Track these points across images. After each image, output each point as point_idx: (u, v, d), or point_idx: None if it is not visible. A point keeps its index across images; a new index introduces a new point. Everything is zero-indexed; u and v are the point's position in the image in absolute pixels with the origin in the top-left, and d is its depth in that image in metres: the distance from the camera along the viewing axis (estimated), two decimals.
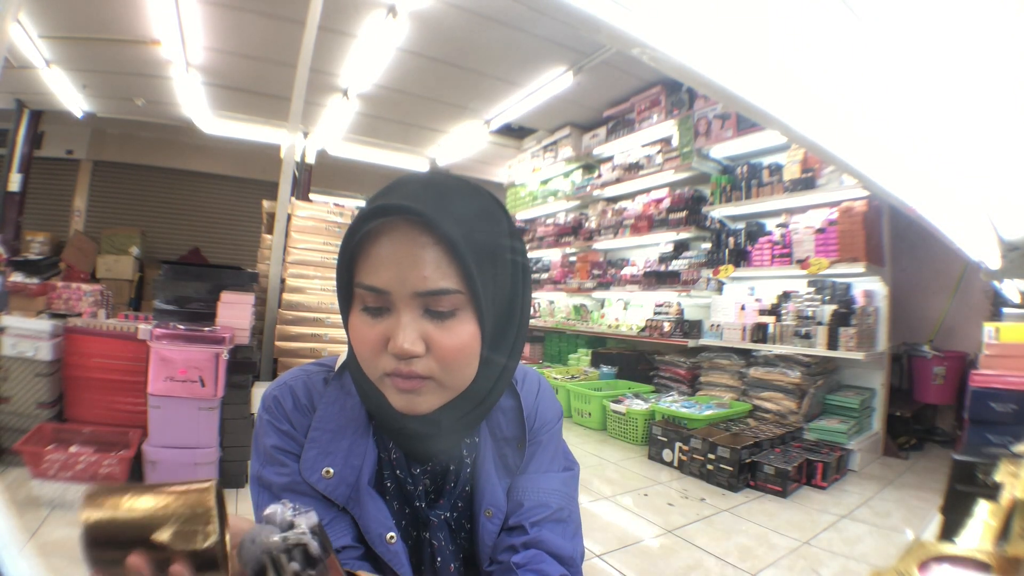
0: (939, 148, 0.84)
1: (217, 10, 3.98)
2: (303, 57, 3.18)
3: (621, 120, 5.32)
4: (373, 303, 0.53)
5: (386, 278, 0.51)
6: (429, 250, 0.50)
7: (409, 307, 0.51)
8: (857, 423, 3.44)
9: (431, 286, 0.50)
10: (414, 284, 0.50)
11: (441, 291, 0.51)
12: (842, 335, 3.32)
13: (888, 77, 0.64)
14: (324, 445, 0.59)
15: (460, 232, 0.50)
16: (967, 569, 0.60)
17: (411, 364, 0.52)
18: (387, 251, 0.51)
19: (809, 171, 3.65)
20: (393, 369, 0.52)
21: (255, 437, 0.63)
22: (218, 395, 2.32)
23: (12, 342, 2.36)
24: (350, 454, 0.60)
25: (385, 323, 0.53)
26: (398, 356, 0.51)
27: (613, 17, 0.43)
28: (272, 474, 0.59)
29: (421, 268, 0.50)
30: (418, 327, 0.52)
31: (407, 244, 0.51)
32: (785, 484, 2.74)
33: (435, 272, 0.50)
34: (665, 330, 4.44)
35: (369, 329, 0.53)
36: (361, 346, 0.54)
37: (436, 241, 0.50)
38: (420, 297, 0.51)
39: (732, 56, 0.53)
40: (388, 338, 0.52)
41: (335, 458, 0.59)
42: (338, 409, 0.61)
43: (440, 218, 0.49)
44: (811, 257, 3.54)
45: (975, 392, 1.98)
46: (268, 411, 0.62)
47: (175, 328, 2.36)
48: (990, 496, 0.86)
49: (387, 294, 0.51)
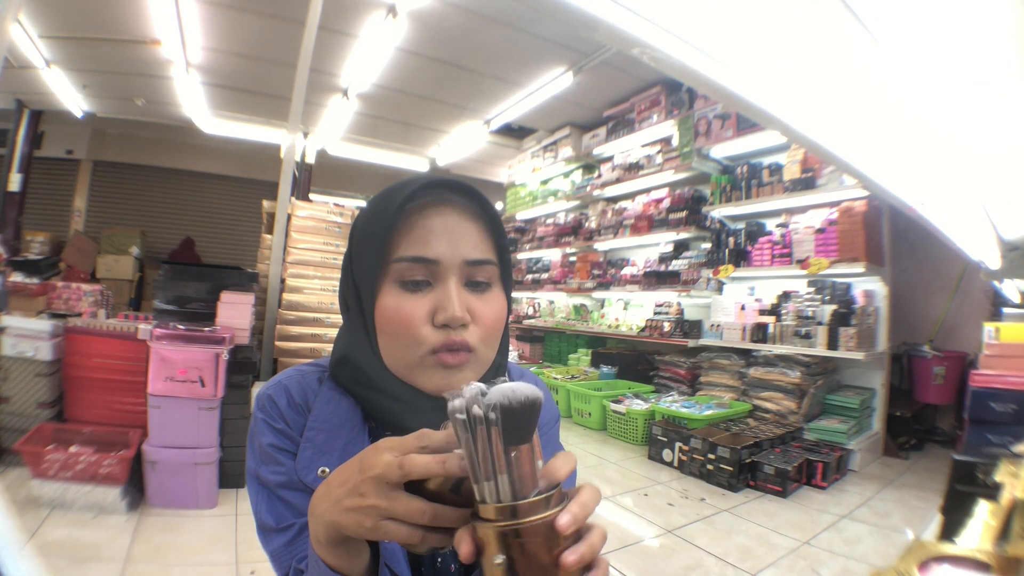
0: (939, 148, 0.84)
1: (217, 10, 3.98)
2: (303, 57, 3.18)
3: (621, 120, 5.32)
4: (417, 276, 0.54)
5: (437, 248, 0.53)
6: (474, 224, 0.56)
7: (455, 276, 0.54)
8: (857, 423, 3.44)
9: (478, 255, 0.55)
10: (464, 252, 0.54)
11: (486, 260, 0.56)
12: (842, 335, 3.32)
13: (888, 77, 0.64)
14: (320, 445, 0.59)
15: (492, 215, 0.58)
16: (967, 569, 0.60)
17: (460, 333, 0.53)
18: (438, 223, 0.54)
19: (809, 171, 3.65)
20: (442, 342, 0.53)
21: (250, 436, 0.63)
22: (218, 395, 2.32)
23: (12, 342, 2.37)
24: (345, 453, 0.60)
25: (429, 296, 0.54)
26: (450, 324, 0.53)
27: (613, 17, 0.43)
28: (268, 472, 0.59)
29: (470, 238, 0.55)
30: (464, 297, 0.54)
31: (455, 217, 0.55)
32: (785, 484, 2.74)
33: (481, 243, 0.56)
34: (665, 330, 4.44)
35: (411, 304, 0.53)
36: (399, 324, 0.54)
37: (478, 217, 0.56)
38: (468, 266, 0.55)
39: (732, 56, 0.53)
40: (434, 310, 0.53)
41: (331, 458, 0.59)
42: (333, 408, 0.61)
43: (482, 199, 0.57)
44: (811, 257, 3.54)
45: (975, 392, 1.98)
46: (263, 410, 0.62)
47: (175, 328, 2.36)
48: (990, 496, 0.86)
49: (436, 264, 0.54)
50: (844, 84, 0.64)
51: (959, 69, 0.63)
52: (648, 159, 4.95)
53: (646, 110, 4.97)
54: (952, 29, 0.55)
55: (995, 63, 0.61)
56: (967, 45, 0.58)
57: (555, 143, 6.25)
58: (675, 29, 0.47)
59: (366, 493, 0.38)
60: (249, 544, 1.96)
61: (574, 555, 0.34)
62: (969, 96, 0.70)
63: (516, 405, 0.34)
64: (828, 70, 0.61)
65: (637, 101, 5.06)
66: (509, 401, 0.33)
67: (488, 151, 7.01)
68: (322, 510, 0.42)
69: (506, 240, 0.60)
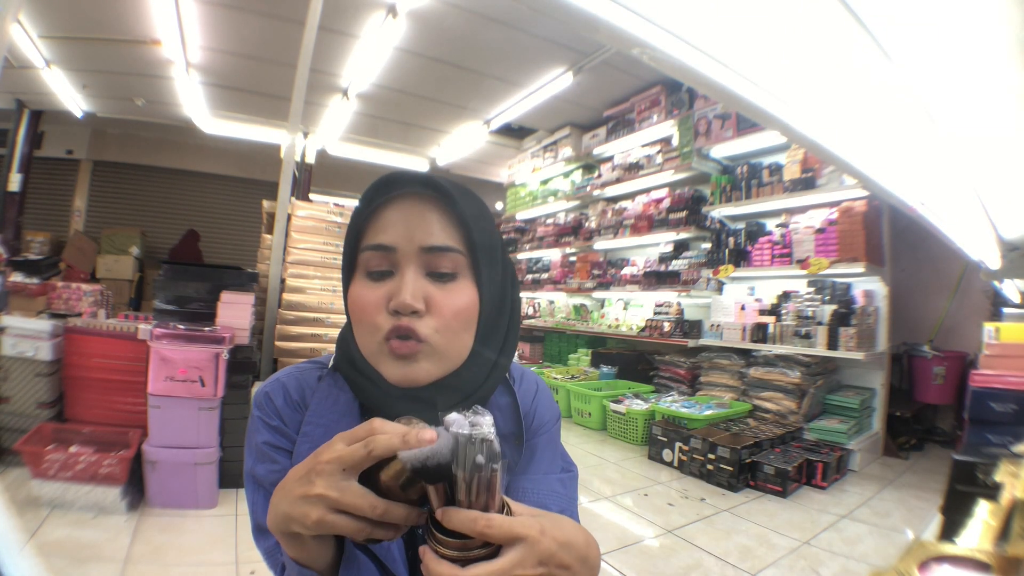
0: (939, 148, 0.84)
1: (217, 10, 3.98)
2: (303, 57, 3.18)
3: (621, 120, 5.32)
4: (377, 266, 0.55)
5: (393, 235, 0.54)
6: (436, 213, 0.55)
7: (413, 264, 0.54)
8: (857, 423, 3.44)
9: (436, 242, 0.54)
10: (420, 239, 0.54)
11: (445, 247, 0.54)
12: (842, 335, 3.32)
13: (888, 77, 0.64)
14: (317, 440, 0.59)
15: (465, 208, 0.55)
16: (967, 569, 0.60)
17: (411, 321, 0.53)
18: (397, 214, 0.55)
19: (809, 171, 3.65)
20: (392, 327, 0.53)
21: (248, 434, 0.63)
22: (218, 395, 2.32)
23: (12, 342, 2.36)
24: None
25: (387, 285, 0.54)
26: (400, 311, 0.52)
27: (613, 17, 0.43)
28: (264, 471, 0.59)
29: (428, 225, 0.54)
30: (420, 285, 0.54)
31: (416, 207, 0.55)
32: (785, 484, 2.74)
33: (441, 232, 0.54)
34: (665, 330, 4.44)
35: (370, 292, 0.54)
36: (359, 311, 0.55)
37: (443, 208, 0.55)
38: (425, 254, 0.54)
39: (732, 56, 0.53)
40: (389, 298, 0.53)
41: None
42: (331, 404, 0.61)
43: (449, 190, 0.55)
44: (811, 257, 3.54)
45: (975, 392, 1.98)
46: (259, 408, 0.62)
47: (175, 328, 2.36)
48: (990, 496, 0.86)
49: (393, 251, 0.54)
50: (844, 84, 0.64)
51: (959, 69, 0.63)
52: (648, 159, 4.95)
53: (646, 110, 4.97)
54: (952, 29, 0.55)
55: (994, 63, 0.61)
56: (967, 45, 0.58)
57: (555, 143, 6.25)
58: (675, 29, 0.47)
59: (316, 481, 0.38)
60: (249, 544, 1.95)
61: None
62: (969, 95, 0.70)
63: (430, 465, 0.37)
64: (828, 70, 0.61)
65: (637, 101, 5.06)
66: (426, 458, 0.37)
67: (488, 151, 7.01)
68: (277, 501, 0.41)
69: (487, 233, 0.58)
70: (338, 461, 0.38)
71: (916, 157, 0.85)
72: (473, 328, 0.57)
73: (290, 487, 0.40)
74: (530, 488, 0.65)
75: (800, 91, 0.61)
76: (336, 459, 0.38)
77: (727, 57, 0.52)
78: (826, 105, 0.65)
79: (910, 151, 0.83)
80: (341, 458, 0.38)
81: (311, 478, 0.38)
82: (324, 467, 0.38)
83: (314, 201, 4.20)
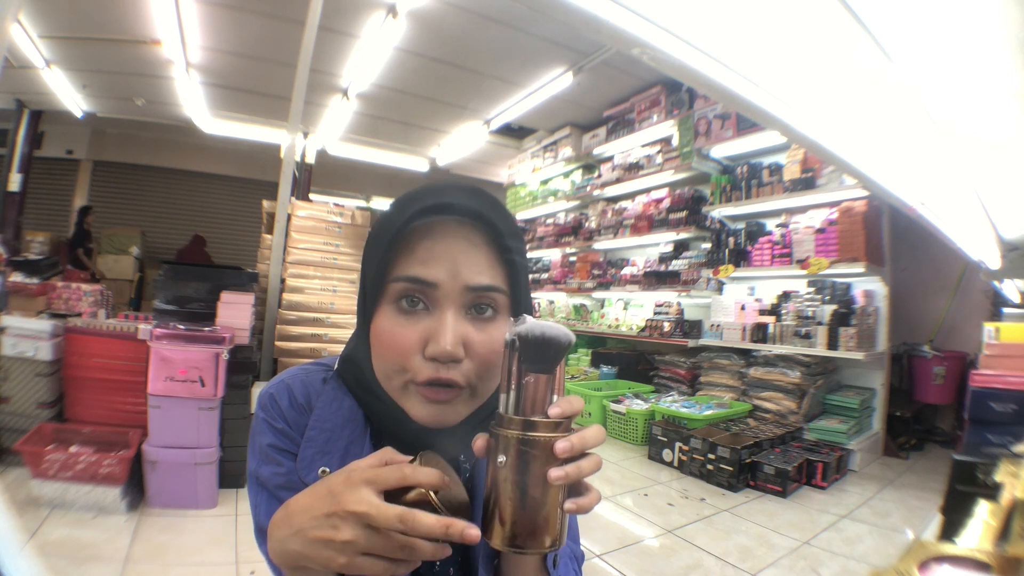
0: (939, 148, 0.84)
1: (217, 10, 3.98)
2: (303, 57, 3.18)
3: (621, 120, 5.32)
4: (414, 297, 0.51)
5: (437, 270, 0.50)
6: (482, 249, 0.52)
7: (455, 304, 0.50)
8: (857, 423, 3.44)
9: (483, 281, 0.51)
10: (466, 278, 0.50)
11: (491, 287, 0.51)
12: (842, 335, 3.32)
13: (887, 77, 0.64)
14: (321, 444, 0.59)
15: (511, 242, 0.53)
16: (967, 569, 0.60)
17: (450, 370, 0.50)
18: (441, 246, 0.51)
19: (809, 171, 3.65)
20: (430, 377, 0.49)
21: (251, 436, 0.62)
22: (218, 395, 2.32)
23: (12, 342, 2.36)
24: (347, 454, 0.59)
25: (423, 323, 0.50)
26: (439, 359, 0.49)
27: (613, 17, 0.43)
28: (268, 473, 0.59)
29: (475, 263, 0.51)
30: (461, 329, 0.50)
31: (462, 241, 0.51)
32: (785, 484, 2.74)
33: (488, 269, 0.52)
34: (665, 330, 4.44)
35: (403, 329, 0.50)
36: (388, 349, 0.51)
37: (488, 242, 0.52)
38: (470, 292, 0.51)
39: (732, 56, 0.53)
40: (426, 340, 0.50)
41: (332, 458, 0.58)
42: (336, 408, 0.60)
43: (497, 222, 0.52)
44: (811, 257, 3.54)
45: (975, 392, 1.98)
46: (264, 409, 0.61)
47: (175, 328, 2.36)
48: (990, 496, 0.86)
49: (435, 287, 0.50)
50: (844, 84, 0.64)
51: (959, 69, 0.63)
52: (648, 159, 4.95)
53: (646, 110, 4.97)
54: (952, 29, 0.55)
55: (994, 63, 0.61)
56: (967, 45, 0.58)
57: (555, 143, 6.25)
58: (675, 29, 0.47)
59: (341, 527, 0.37)
60: (249, 544, 1.96)
61: (559, 472, 0.39)
62: (969, 95, 0.70)
63: (531, 338, 0.41)
64: (828, 70, 0.61)
65: (637, 101, 5.06)
66: (527, 333, 0.41)
67: (488, 151, 7.01)
68: (282, 536, 0.40)
69: (524, 260, 0.55)
70: (363, 517, 0.37)
71: (916, 157, 0.85)
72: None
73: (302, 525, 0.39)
74: None
75: (800, 91, 0.61)
76: (362, 515, 0.37)
77: (727, 57, 0.52)
78: (826, 105, 0.65)
79: (910, 151, 0.83)
80: (368, 515, 0.37)
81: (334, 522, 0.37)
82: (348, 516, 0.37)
83: (314, 201, 4.20)
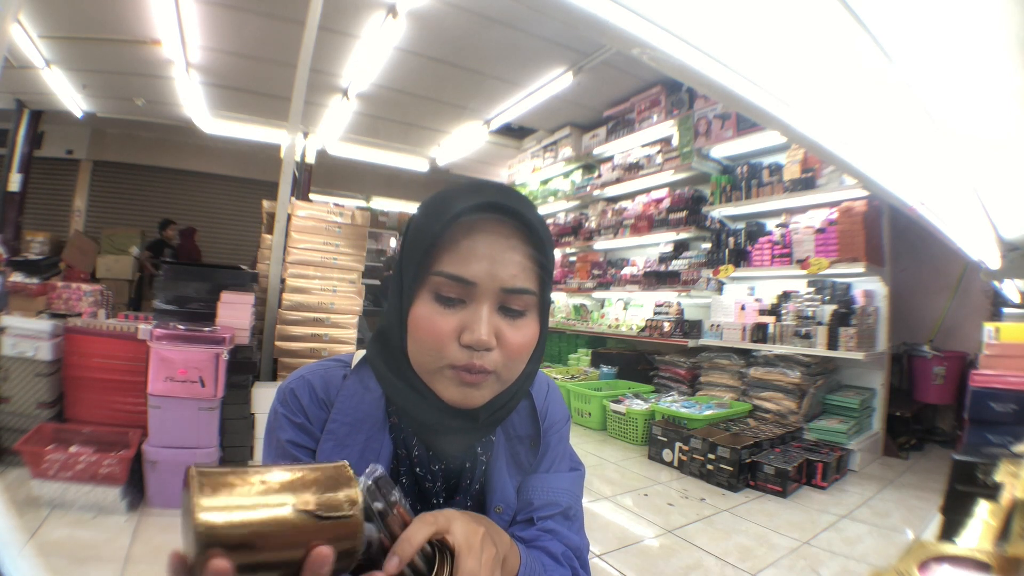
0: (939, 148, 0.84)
1: (217, 10, 3.98)
2: (303, 57, 3.18)
3: (621, 120, 5.32)
4: (451, 293, 0.54)
5: (476, 270, 0.53)
6: (519, 251, 0.55)
7: (490, 301, 0.54)
8: (857, 423, 3.44)
9: (517, 284, 0.54)
10: (503, 280, 0.54)
11: (523, 290, 0.55)
12: (842, 335, 3.32)
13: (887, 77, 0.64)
14: (341, 438, 0.60)
15: (546, 250, 0.57)
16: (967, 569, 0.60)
17: (482, 357, 0.54)
18: (482, 245, 0.54)
19: (809, 171, 3.65)
20: (464, 363, 0.54)
21: (268, 431, 0.63)
22: (218, 395, 2.32)
23: (12, 342, 2.36)
24: (366, 448, 0.60)
25: (460, 315, 0.54)
26: (473, 347, 0.53)
27: (613, 17, 0.43)
28: None
29: (511, 266, 0.54)
30: (494, 322, 0.54)
31: (502, 242, 0.54)
32: (785, 484, 2.74)
33: (522, 273, 0.55)
34: (665, 330, 4.44)
35: (442, 319, 0.54)
36: (427, 335, 0.55)
37: (525, 244, 0.55)
38: (504, 293, 0.54)
39: (732, 56, 0.53)
40: (462, 329, 0.54)
41: (351, 451, 0.59)
42: (356, 403, 0.61)
43: (537, 228, 0.55)
44: (811, 257, 3.54)
45: (975, 392, 1.97)
46: (284, 404, 0.62)
47: (175, 328, 2.36)
48: (990, 496, 0.86)
49: (473, 286, 0.53)
50: (844, 84, 0.64)
51: (959, 69, 0.63)
52: (648, 159, 4.95)
53: (646, 110, 4.97)
54: (952, 29, 0.55)
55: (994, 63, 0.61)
56: (967, 45, 0.58)
57: (555, 143, 6.25)
58: (675, 29, 0.47)
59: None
60: None
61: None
62: (969, 95, 0.70)
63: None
64: (828, 70, 0.61)
65: (637, 101, 5.06)
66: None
67: (488, 151, 7.01)
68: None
69: (551, 266, 0.59)
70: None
71: (916, 157, 0.86)
72: (529, 355, 0.59)
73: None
74: (541, 485, 0.67)
75: (800, 91, 0.61)
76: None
77: (727, 57, 0.52)
78: (826, 105, 0.65)
79: (910, 151, 0.83)
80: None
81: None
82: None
83: (314, 201, 4.20)
